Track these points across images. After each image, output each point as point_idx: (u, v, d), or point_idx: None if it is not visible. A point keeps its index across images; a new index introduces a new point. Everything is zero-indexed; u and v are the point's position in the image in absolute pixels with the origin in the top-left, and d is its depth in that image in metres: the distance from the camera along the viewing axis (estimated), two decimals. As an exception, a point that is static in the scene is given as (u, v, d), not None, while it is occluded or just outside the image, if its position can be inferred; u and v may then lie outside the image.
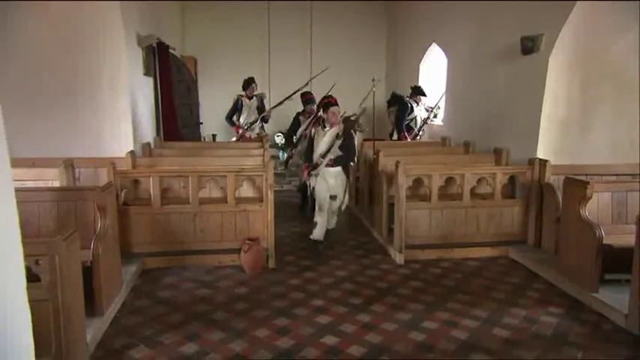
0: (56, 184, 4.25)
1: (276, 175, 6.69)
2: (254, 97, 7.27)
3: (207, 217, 4.62)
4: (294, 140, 6.48)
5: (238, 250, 4.49)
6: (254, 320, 3.47)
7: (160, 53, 7.23)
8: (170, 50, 7.61)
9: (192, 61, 9.88)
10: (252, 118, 7.23)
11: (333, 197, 4.99)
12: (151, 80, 7.11)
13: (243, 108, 7.22)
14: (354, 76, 9.49)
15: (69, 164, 4.47)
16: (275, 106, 7.28)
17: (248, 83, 7.24)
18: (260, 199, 4.75)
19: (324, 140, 4.88)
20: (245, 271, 4.40)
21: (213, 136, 9.99)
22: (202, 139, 9.54)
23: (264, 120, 7.39)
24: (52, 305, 2.53)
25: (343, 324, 3.42)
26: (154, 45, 7.04)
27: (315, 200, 5.08)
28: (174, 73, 7.67)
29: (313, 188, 5.02)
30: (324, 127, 4.94)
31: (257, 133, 7.26)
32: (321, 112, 5.15)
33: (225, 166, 5.07)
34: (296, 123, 6.55)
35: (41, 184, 4.11)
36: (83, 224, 3.64)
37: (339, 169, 4.93)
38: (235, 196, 4.68)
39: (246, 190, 4.98)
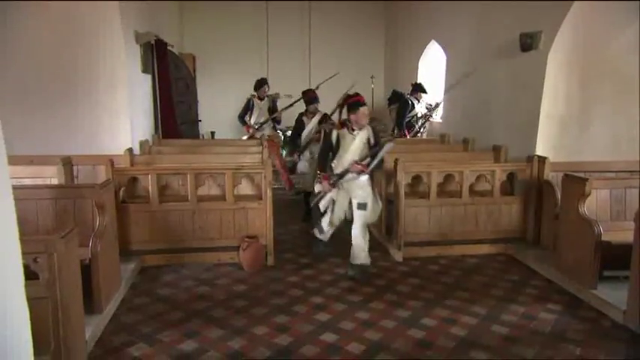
0: (54, 181, 4.25)
1: (274, 172, 6.65)
2: (265, 98, 7.23)
3: (206, 215, 4.61)
4: (301, 144, 5.93)
5: (237, 248, 4.49)
6: (253, 318, 3.47)
7: (158, 50, 7.22)
8: (168, 47, 7.60)
9: (190, 58, 9.86)
10: (263, 119, 7.18)
11: (361, 206, 4.30)
12: (149, 77, 7.09)
13: (254, 108, 7.15)
14: (353, 74, 9.47)
15: (67, 162, 4.46)
16: (285, 108, 7.13)
17: (260, 84, 7.14)
18: (259, 197, 4.74)
19: (355, 146, 4.31)
20: (244, 269, 4.40)
21: (212, 133, 9.98)
22: (201, 137, 9.52)
23: (276, 121, 7.33)
24: (51, 303, 2.53)
25: (342, 321, 3.42)
26: (152, 42, 7.03)
27: (320, 211, 4.59)
28: (172, 70, 7.66)
29: (333, 201, 4.42)
30: (352, 130, 4.31)
31: (268, 135, 7.18)
32: (345, 113, 4.50)
33: (223, 163, 5.07)
34: (299, 124, 6.01)
35: (39, 182, 4.10)
36: (82, 222, 3.63)
37: (367, 176, 4.35)
38: (234, 193, 4.68)
39: (245, 188, 4.97)
